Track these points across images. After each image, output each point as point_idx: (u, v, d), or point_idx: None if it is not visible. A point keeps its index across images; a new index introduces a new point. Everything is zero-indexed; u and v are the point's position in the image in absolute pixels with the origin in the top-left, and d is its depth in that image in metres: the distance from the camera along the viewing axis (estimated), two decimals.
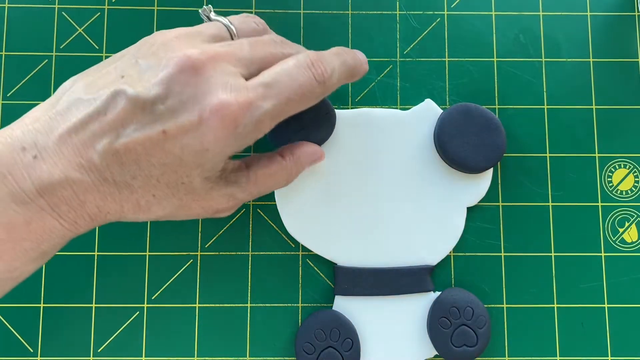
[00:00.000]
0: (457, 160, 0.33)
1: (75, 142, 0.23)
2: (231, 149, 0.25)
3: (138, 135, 0.23)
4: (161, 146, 0.23)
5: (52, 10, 0.35)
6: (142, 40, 0.26)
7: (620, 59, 0.35)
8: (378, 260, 0.33)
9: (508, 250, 0.33)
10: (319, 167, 0.33)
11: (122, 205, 0.24)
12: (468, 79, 0.35)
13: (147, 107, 0.23)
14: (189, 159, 0.24)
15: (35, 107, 0.25)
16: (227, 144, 0.24)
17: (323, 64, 0.27)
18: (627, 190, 0.34)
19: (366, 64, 0.30)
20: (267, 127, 0.25)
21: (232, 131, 0.24)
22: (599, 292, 0.33)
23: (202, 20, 0.29)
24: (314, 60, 0.26)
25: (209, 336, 0.32)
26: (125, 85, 0.23)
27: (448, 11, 0.35)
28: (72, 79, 0.25)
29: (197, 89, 0.23)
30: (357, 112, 0.34)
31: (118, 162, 0.23)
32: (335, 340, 0.31)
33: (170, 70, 0.23)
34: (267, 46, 0.27)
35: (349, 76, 0.29)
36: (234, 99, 0.23)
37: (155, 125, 0.23)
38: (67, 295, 0.33)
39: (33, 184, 0.22)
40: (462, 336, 0.31)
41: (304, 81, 0.26)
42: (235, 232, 0.33)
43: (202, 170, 0.24)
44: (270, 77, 0.25)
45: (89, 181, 0.23)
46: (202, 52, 0.24)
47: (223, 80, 0.24)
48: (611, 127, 0.35)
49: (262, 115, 0.24)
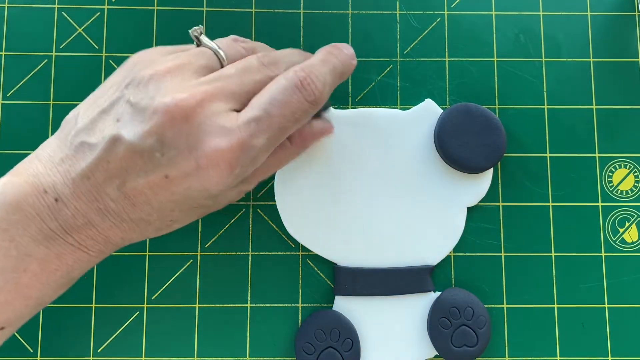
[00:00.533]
0: (457, 160, 0.33)
1: (89, 188, 0.24)
2: (234, 182, 0.25)
3: (143, 181, 0.24)
4: (166, 189, 0.24)
5: (52, 10, 0.35)
6: (130, 64, 0.26)
7: (620, 59, 0.35)
8: (378, 260, 0.33)
9: (508, 250, 0.33)
10: (319, 167, 0.33)
11: (144, 233, 0.26)
12: (468, 79, 0.35)
13: (144, 155, 0.24)
14: (196, 194, 0.25)
15: (48, 140, 0.26)
16: (228, 182, 0.25)
17: (313, 80, 0.26)
18: (627, 190, 0.34)
19: (354, 58, 0.29)
20: (264, 157, 0.26)
21: (230, 173, 0.24)
22: (599, 292, 0.33)
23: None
24: (302, 79, 0.26)
25: (209, 336, 0.32)
26: (122, 130, 0.24)
27: (448, 11, 0.35)
28: (74, 111, 0.26)
29: (190, 136, 0.24)
30: (357, 112, 0.34)
31: (130, 204, 0.25)
32: (335, 340, 0.31)
33: (160, 120, 0.24)
34: (255, 73, 0.26)
35: (340, 80, 0.29)
36: (227, 143, 0.24)
37: (157, 171, 0.24)
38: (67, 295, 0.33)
39: (60, 225, 0.24)
40: (462, 336, 0.31)
41: (295, 105, 0.25)
42: (235, 232, 0.33)
43: (210, 196, 0.25)
44: (261, 109, 0.25)
45: (110, 222, 0.25)
46: (191, 96, 0.24)
47: (215, 123, 0.24)
48: (611, 127, 0.35)
49: (257, 152, 0.25)
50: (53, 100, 0.34)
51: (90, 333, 0.32)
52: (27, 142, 0.33)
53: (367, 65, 0.35)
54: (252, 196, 0.34)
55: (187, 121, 0.24)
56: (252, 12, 0.35)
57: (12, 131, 0.34)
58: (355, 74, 0.34)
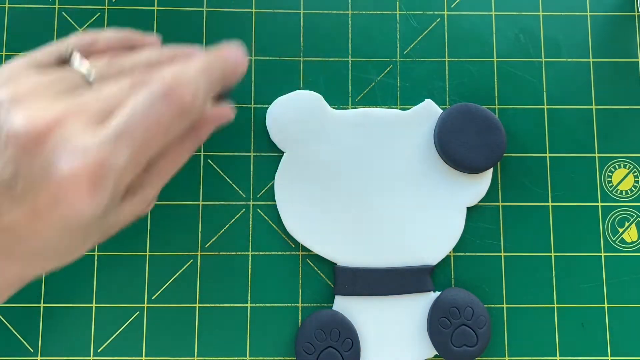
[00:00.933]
0: (457, 160, 0.33)
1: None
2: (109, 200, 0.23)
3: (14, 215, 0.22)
4: (39, 220, 0.23)
5: (52, 10, 0.35)
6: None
7: (620, 59, 0.35)
8: (378, 260, 0.33)
9: (508, 250, 0.33)
10: (319, 167, 0.33)
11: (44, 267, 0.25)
12: (468, 79, 0.35)
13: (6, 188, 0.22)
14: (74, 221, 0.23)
15: None
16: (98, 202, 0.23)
17: (182, 89, 0.24)
18: (627, 190, 0.34)
19: (243, 63, 0.27)
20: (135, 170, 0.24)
21: (94, 195, 0.22)
22: (599, 292, 0.33)
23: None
24: (169, 90, 0.24)
25: (209, 336, 0.32)
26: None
27: (448, 11, 0.35)
28: None
29: (45, 162, 0.22)
30: (357, 112, 0.34)
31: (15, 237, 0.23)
32: (335, 340, 0.31)
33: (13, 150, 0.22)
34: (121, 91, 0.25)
35: (221, 84, 0.27)
36: (83, 166, 0.22)
37: (23, 204, 0.22)
38: (67, 295, 0.33)
39: None
40: (462, 336, 0.31)
41: (161, 116, 0.23)
42: (235, 232, 0.33)
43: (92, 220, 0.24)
44: (120, 124, 0.23)
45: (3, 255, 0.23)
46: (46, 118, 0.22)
47: (71, 144, 0.22)
48: (611, 127, 0.35)
49: (120, 169, 0.23)
50: None
51: (90, 333, 0.32)
52: None
53: (367, 65, 0.35)
54: (252, 196, 0.34)
55: (39, 147, 0.22)
56: (252, 12, 0.35)
57: None
58: (355, 74, 0.35)
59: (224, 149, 0.34)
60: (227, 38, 0.34)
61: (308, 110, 0.34)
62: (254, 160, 0.34)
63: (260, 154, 0.34)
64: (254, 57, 0.35)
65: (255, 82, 0.34)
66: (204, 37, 0.35)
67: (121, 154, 0.23)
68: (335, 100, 0.34)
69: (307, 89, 0.34)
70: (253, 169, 0.34)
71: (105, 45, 0.28)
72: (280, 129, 0.33)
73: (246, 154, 0.34)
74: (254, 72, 0.34)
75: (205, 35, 0.35)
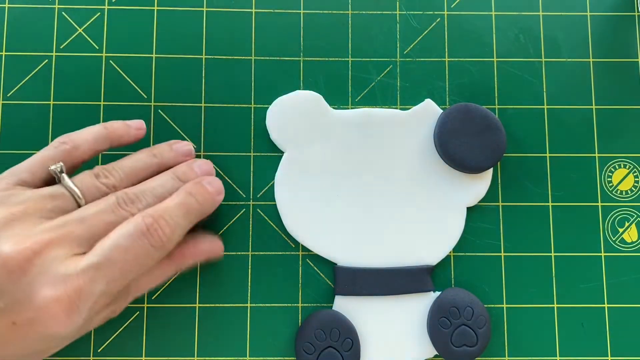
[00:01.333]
0: (457, 160, 0.33)
1: None
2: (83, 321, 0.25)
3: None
4: (18, 332, 0.24)
5: (52, 10, 0.35)
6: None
7: (620, 59, 0.35)
8: (378, 260, 0.33)
9: (508, 250, 0.33)
10: (318, 167, 0.33)
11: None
12: (468, 79, 0.35)
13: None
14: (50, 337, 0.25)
15: None
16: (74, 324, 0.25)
17: (161, 226, 0.26)
18: (627, 190, 0.34)
19: (220, 193, 0.29)
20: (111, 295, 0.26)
21: (71, 319, 0.24)
22: (599, 292, 0.33)
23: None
24: (149, 225, 0.26)
25: (209, 336, 0.32)
26: None
27: (448, 11, 0.35)
28: None
29: (27, 286, 0.24)
30: (357, 112, 0.34)
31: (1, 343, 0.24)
32: (335, 340, 0.31)
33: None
34: (108, 214, 0.26)
35: (198, 219, 0.28)
36: (62, 292, 0.24)
37: (4, 317, 0.24)
38: None
39: None
40: (462, 336, 0.31)
41: (139, 251, 0.25)
42: (235, 232, 0.33)
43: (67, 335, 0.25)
44: (101, 256, 0.25)
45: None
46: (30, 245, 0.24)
47: (52, 272, 0.24)
48: (611, 127, 0.35)
49: (97, 296, 0.25)
50: (53, 101, 0.34)
51: (91, 333, 0.32)
52: (27, 142, 0.33)
53: (367, 65, 0.35)
54: (252, 196, 0.34)
55: (23, 272, 0.24)
56: (252, 12, 0.35)
57: (12, 131, 0.34)
58: (355, 74, 0.35)
59: (224, 149, 0.34)
60: (227, 38, 0.35)
61: (308, 110, 0.34)
62: (254, 160, 0.34)
63: (260, 154, 0.34)
64: (254, 57, 0.35)
65: (255, 82, 0.34)
66: (204, 37, 0.35)
67: (99, 283, 0.25)
68: (335, 100, 0.34)
69: (307, 89, 0.34)
70: (253, 169, 0.34)
71: (88, 149, 0.29)
72: (280, 129, 0.33)
73: (246, 154, 0.34)
74: (254, 72, 0.34)
75: (205, 35, 0.35)
